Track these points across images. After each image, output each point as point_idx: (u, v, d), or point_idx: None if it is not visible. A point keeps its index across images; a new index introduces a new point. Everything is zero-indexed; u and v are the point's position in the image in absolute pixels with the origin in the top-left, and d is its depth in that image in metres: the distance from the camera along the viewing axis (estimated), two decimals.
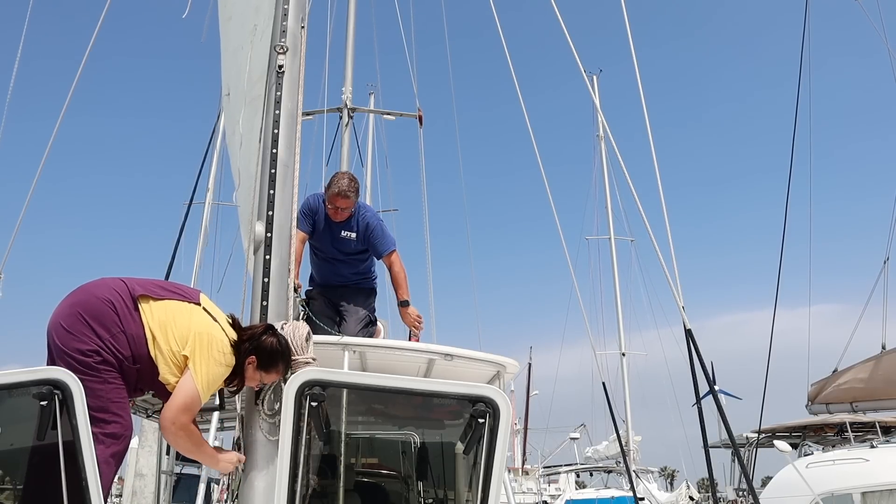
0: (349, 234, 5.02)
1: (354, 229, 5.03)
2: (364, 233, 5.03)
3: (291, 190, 3.51)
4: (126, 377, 2.94)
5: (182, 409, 2.90)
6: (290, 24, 3.67)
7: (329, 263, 5.19)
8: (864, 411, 11.71)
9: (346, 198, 4.87)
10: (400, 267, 5.08)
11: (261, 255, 3.34)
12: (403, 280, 5.05)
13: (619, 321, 26.06)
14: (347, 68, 10.66)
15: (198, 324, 3.01)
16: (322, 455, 3.32)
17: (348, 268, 5.19)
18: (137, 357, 2.94)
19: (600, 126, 24.89)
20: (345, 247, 5.07)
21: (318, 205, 5.07)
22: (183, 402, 2.91)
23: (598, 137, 27.61)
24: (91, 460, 2.66)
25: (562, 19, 5.74)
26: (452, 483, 3.94)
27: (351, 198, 4.89)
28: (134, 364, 2.94)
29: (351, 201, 4.91)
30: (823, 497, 8.41)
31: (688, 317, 4.71)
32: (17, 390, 2.70)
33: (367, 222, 5.05)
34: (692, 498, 20.35)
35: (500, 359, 4.40)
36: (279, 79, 3.54)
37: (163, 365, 2.95)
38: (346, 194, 4.86)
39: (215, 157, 13.37)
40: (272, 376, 3.11)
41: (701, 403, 4.90)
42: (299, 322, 3.32)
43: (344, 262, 5.15)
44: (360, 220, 5.04)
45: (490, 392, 2.88)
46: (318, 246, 5.17)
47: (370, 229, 5.04)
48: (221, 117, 9.67)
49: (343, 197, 4.86)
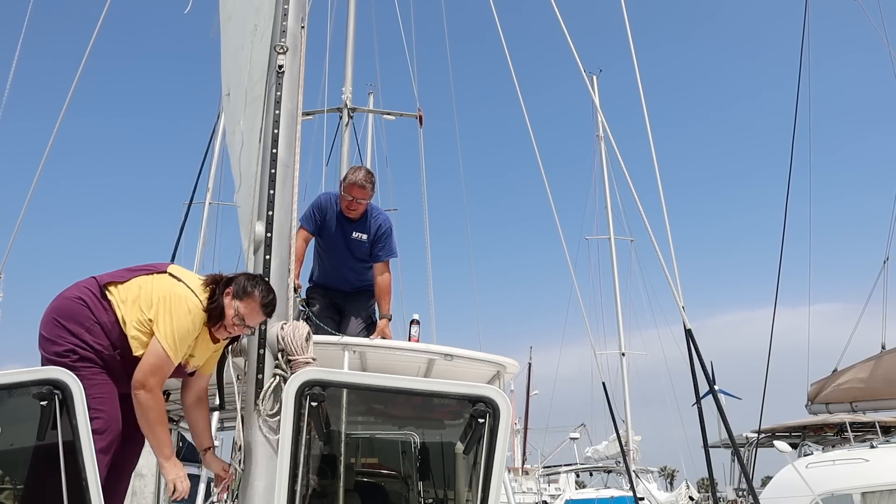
0: (361, 236, 4.99)
1: (367, 231, 5.00)
2: (375, 234, 4.99)
3: (291, 190, 3.50)
4: (110, 368, 2.98)
5: (149, 370, 2.92)
6: (290, 24, 3.67)
7: (336, 269, 5.12)
8: (863, 411, 11.71)
9: (362, 188, 4.84)
10: (390, 279, 5.05)
11: (261, 255, 3.34)
12: (389, 293, 5.02)
13: (619, 321, 26.06)
14: (347, 68, 10.66)
15: (159, 287, 3.07)
16: (322, 455, 3.32)
17: (354, 274, 5.15)
18: (115, 343, 2.98)
19: (600, 126, 24.89)
20: (356, 249, 5.02)
21: (329, 204, 5.02)
22: (150, 363, 2.93)
23: (598, 137, 27.60)
24: (91, 460, 2.66)
25: (562, 19, 5.74)
26: (452, 483, 3.94)
27: (367, 189, 4.86)
28: (114, 351, 2.98)
29: (367, 192, 4.88)
30: (823, 497, 8.42)
31: (688, 317, 4.71)
32: (17, 390, 2.70)
33: (380, 224, 5.02)
34: (692, 498, 20.34)
35: (500, 359, 4.40)
36: (279, 79, 3.54)
37: (134, 341, 2.99)
38: (362, 184, 4.84)
39: (215, 156, 13.37)
40: (252, 313, 3.08)
41: (701, 403, 4.90)
42: (299, 322, 3.32)
43: (351, 269, 5.10)
44: (373, 221, 5.02)
45: (490, 392, 2.88)
46: (326, 247, 5.11)
47: (381, 231, 5.00)
48: (221, 117, 9.67)
49: (359, 187, 4.83)
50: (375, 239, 4.99)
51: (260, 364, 3.18)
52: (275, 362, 3.17)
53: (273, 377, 3.13)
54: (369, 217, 5.01)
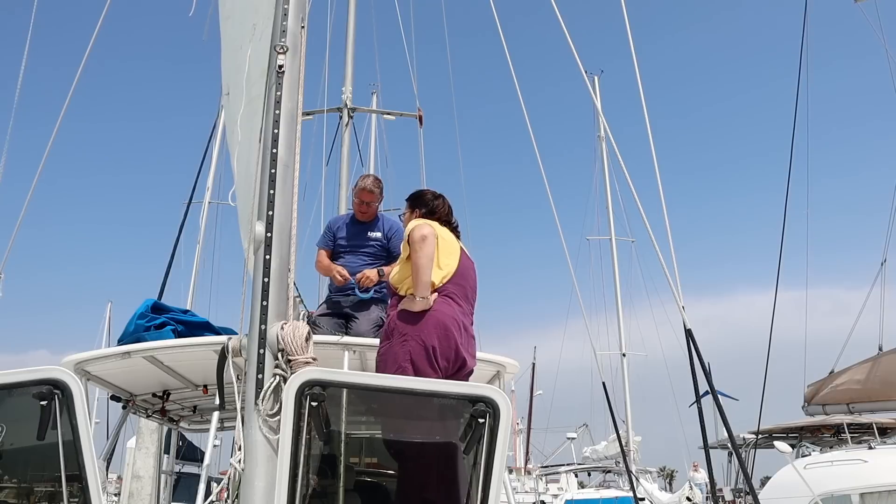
0: (375, 234, 5.45)
1: (380, 230, 5.47)
2: (388, 233, 5.43)
3: (291, 190, 3.50)
4: None
5: None
6: (290, 24, 3.67)
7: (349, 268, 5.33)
8: (860, 412, 11.73)
9: (371, 192, 5.39)
10: None
11: (261, 255, 3.34)
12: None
13: (620, 321, 26.09)
14: (347, 68, 10.66)
15: None
16: (322, 455, 3.32)
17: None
18: None
19: (601, 127, 24.91)
20: (370, 247, 5.43)
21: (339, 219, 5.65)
22: None
23: (598, 138, 27.65)
24: (91, 460, 2.66)
25: (562, 19, 5.74)
26: None
27: (376, 193, 5.42)
28: None
29: (376, 196, 5.43)
30: (822, 497, 8.44)
31: (688, 317, 4.72)
32: (17, 390, 2.70)
33: (391, 224, 5.49)
34: (689, 499, 20.32)
35: (500, 359, 4.41)
36: (279, 79, 3.54)
37: None
38: (371, 189, 5.40)
39: (214, 156, 13.37)
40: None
41: (700, 403, 4.91)
42: (299, 322, 3.32)
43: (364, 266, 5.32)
44: (385, 222, 5.51)
45: (490, 392, 2.88)
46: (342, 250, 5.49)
47: (394, 230, 5.42)
48: (221, 117, 9.68)
49: (369, 191, 5.39)
50: (390, 236, 5.42)
51: (260, 364, 3.18)
52: (275, 362, 3.17)
53: (273, 377, 3.13)
54: (381, 219, 5.53)
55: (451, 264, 3.86)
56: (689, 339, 4.72)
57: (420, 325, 3.64)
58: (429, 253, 3.70)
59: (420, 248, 3.67)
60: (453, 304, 3.79)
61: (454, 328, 3.69)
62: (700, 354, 4.73)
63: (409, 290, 3.75)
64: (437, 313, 3.68)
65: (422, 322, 3.65)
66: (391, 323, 3.76)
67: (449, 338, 3.65)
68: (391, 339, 3.69)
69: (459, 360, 3.73)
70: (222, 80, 3.70)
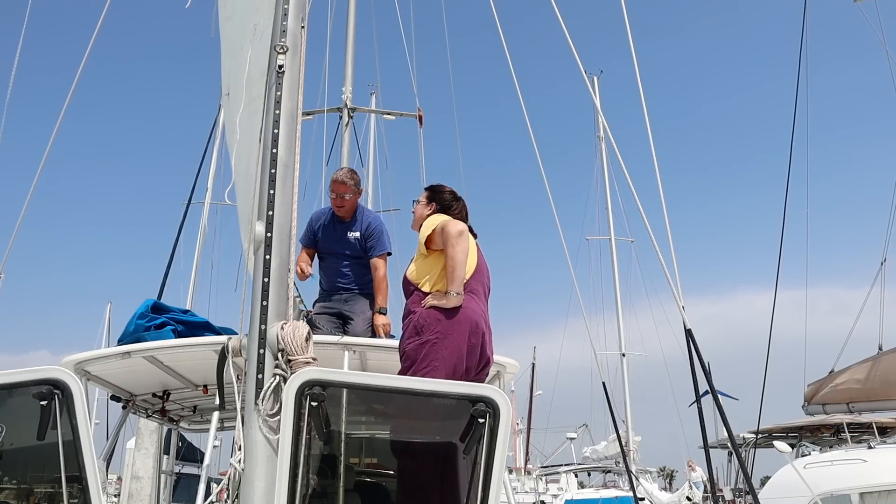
0: (354, 234, 5.30)
1: (358, 230, 5.30)
2: (366, 231, 5.28)
3: (291, 190, 3.50)
4: None
5: None
6: (290, 24, 3.67)
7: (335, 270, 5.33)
8: (860, 412, 11.73)
9: (342, 183, 5.22)
10: (385, 274, 5.30)
11: (261, 255, 3.34)
12: (385, 289, 5.28)
13: (619, 321, 26.09)
14: (347, 68, 10.66)
15: None
16: (322, 455, 3.32)
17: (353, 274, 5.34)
18: None
19: (601, 127, 24.91)
20: (351, 247, 5.31)
21: (321, 214, 5.42)
22: None
23: (598, 138, 27.65)
24: (91, 460, 2.65)
25: (562, 19, 5.74)
26: None
27: (348, 184, 5.23)
28: None
29: (348, 187, 5.24)
30: (822, 497, 8.44)
31: (687, 316, 4.72)
32: (17, 390, 2.70)
33: (370, 222, 5.33)
34: (689, 499, 20.32)
35: (500, 358, 4.41)
36: (279, 79, 3.54)
37: None
38: (342, 180, 5.23)
39: (214, 156, 13.36)
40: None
41: (700, 403, 4.91)
42: (299, 322, 3.32)
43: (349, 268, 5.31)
44: (363, 220, 5.34)
45: (490, 392, 2.88)
46: (324, 251, 5.41)
47: (371, 228, 5.29)
48: (221, 117, 9.68)
49: (340, 182, 5.21)
50: (367, 235, 5.29)
51: (260, 364, 3.18)
52: (275, 362, 3.17)
53: (273, 377, 3.13)
54: (360, 217, 5.35)
55: (473, 260, 3.86)
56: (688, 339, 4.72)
57: (453, 322, 3.61)
58: (465, 248, 3.69)
59: (458, 244, 3.65)
60: (479, 301, 3.79)
61: (483, 325, 3.70)
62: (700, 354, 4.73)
63: (436, 286, 3.73)
64: (467, 311, 3.66)
65: (454, 320, 3.62)
66: (420, 319, 3.69)
67: (479, 335, 3.66)
68: (421, 336, 3.64)
69: (485, 359, 3.73)
70: (222, 80, 3.70)
